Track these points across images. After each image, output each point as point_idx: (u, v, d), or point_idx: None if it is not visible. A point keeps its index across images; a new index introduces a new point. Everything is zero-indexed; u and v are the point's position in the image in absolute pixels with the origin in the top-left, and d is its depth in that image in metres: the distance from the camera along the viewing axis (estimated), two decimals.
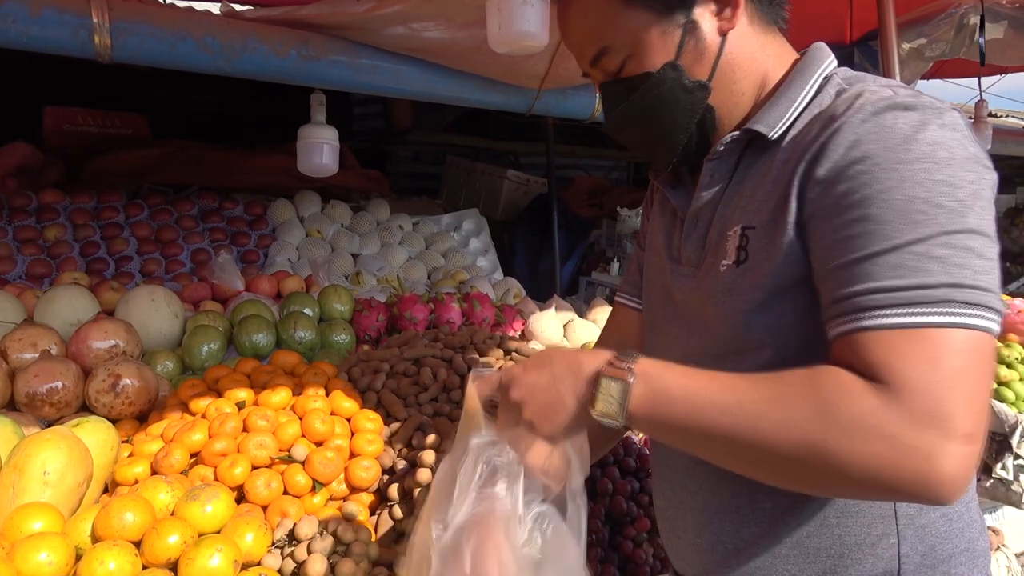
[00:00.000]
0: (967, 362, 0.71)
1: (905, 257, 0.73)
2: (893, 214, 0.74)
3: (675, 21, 0.91)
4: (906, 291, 0.73)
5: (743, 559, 0.96)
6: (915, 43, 3.36)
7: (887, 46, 2.60)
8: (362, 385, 1.72)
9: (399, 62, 2.46)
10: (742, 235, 0.91)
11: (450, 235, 3.93)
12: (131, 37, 2.01)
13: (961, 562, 0.92)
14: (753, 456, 0.77)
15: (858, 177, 0.77)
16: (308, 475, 1.40)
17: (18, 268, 2.87)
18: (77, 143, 3.72)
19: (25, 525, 1.16)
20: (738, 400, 0.76)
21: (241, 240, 3.37)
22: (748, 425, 0.75)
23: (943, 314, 0.71)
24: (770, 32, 0.97)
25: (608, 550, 1.51)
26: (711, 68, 0.93)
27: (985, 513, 2.40)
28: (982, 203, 0.76)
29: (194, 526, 1.17)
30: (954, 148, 0.76)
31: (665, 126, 0.97)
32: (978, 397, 0.71)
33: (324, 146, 2.59)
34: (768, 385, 0.76)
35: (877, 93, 0.81)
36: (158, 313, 2.06)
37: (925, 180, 0.74)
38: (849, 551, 0.90)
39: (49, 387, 1.55)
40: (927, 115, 0.78)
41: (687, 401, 0.79)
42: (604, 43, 0.95)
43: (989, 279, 0.73)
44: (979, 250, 0.74)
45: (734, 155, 0.96)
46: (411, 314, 2.34)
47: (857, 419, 0.70)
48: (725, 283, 0.92)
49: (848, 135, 0.79)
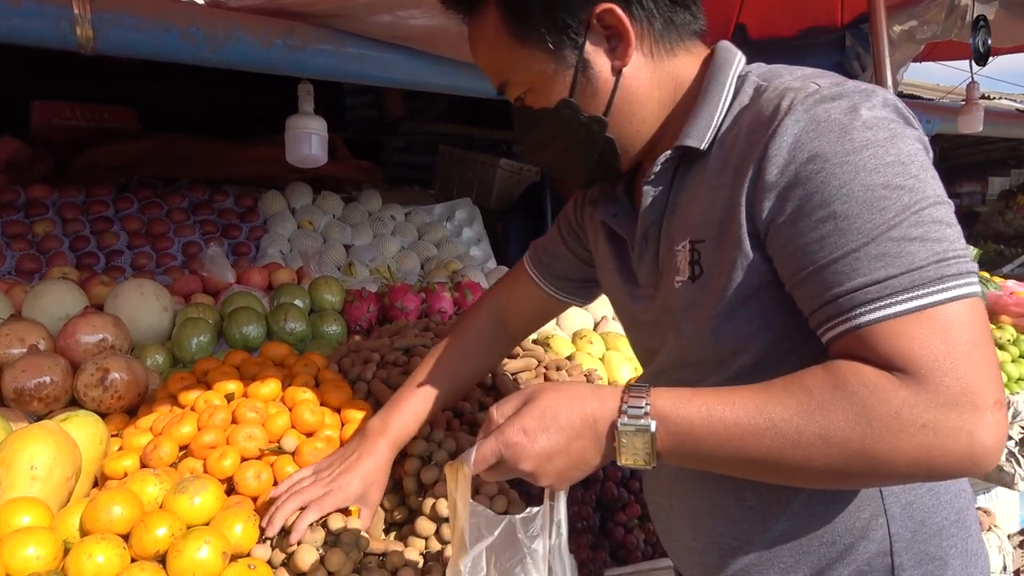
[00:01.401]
0: (973, 331, 0.72)
1: (885, 246, 0.74)
2: (858, 207, 0.75)
3: (567, 60, 0.93)
4: (899, 277, 0.73)
5: (740, 556, 0.97)
6: (906, 25, 3.35)
7: (877, 28, 2.59)
8: (352, 376, 1.71)
9: (386, 51, 2.44)
10: (692, 249, 0.91)
11: (443, 225, 3.92)
12: (114, 28, 2.00)
13: (952, 534, 0.93)
14: (795, 471, 0.76)
15: (813, 178, 0.77)
16: (298, 466, 1.40)
17: (7, 263, 2.85)
18: (65, 137, 3.69)
19: (13, 520, 1.15)
20: (771, 421, 0.75)
21: (232, 232, 3.36)
22: (787, 443, 0.74)
23: (940, 291, 0.72)
24: (676, 53, 0.97)
25: (599, 536, 1.51)
26: (606, 103, 0.95)
27: (978, 494, 2.41)
28: (930, 171, 0.78)
29: (182, 518, 1.17)
30: (891, 125, 0.78)
31: (569, 156, 1.01)
32: (992, 361, 0.72)
33: (312, 136, 2.57)
34: (796, 399, 0.75)
35: (803, 90, 0.82)
36: (147, 307, 2.05)
37: (877, 166, 0.75)
38: (841, 537, 0.91)
39: (37, 382, 1.54)
40: (855, 99, 0.79)
41: (714, 433, 0.77)
42: (503, 77, 0.99)
43: (962, 243, 0.76)
44: (946, 218, 0.76)
45: (669, 172, 0.96)
46: (402, 304, 2.34)
47: (894, 416, 0.71)
48: (684, 299, 0.93)
49: (787, 138, 0.79)
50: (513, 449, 0.81)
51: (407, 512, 1.37)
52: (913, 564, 0.90)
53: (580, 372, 1.91)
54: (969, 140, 6.10)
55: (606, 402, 0.81)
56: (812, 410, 0.74)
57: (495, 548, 0.84)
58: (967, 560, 0.93)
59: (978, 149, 7.36)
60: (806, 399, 0.74)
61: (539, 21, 0.93)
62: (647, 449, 0.79)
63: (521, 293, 1.34)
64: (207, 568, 1.10)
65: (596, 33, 0.93)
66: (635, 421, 0.79)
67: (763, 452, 0.75)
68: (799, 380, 0.76)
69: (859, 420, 0.72)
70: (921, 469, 0.72)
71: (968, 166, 8.10)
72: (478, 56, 1.03)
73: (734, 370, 0.90)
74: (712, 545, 1.00)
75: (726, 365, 0.91)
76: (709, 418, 0.77)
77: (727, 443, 0.77)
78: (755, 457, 0.76)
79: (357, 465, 1.25)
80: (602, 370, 2.11)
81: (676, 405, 0.79)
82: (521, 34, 0.94)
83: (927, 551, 0.91)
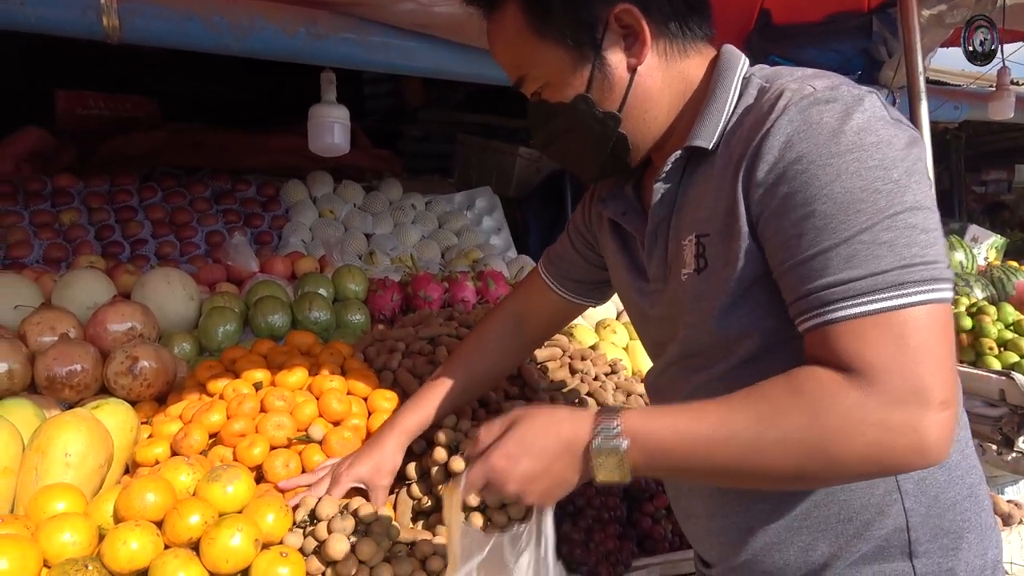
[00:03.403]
0: (928, 335, 0.76)
1: (855, 247, 0.78)
2: (836, 207, 0.79)
3: (585, 57, 0.97)
4: (861, 280, 0.77)
5: (757, 537, 0.98)
6: (935, 9, 3.28)
7: (907, 13, 2.54)
8: (378, 364, 1.72)
9: (409, 39, 2.43)
10: (698, 243, 0.95)
11: (463, 213, 3.91)
12: (139, 18, 2.01)
13: (966, 508, 0.95)
14: (759, 475, 0.83)
15: (798, 177, 0.81)
16: (326, 455, 1.41)
17: (35, 252, 2.89)
18: (89, 127, 3.73)
19: (49, 506, 1.17)
20: (732, 432, 0.80)
21: (254, 221, 3.38)
22: (749, 450, 0.80)
23: (900, 296, 0.76)
24: (688, 54, 1.00)
25: (626, 526, 1.51)
26: (621, 100, 0.98)
27: (1007, 486, 2.38)
28: (916, 177, 0.80)
29: (215, 506, 1.18)
30: (880, 131, 0.81)
31: (582, 150, 1.04)
32: (943, 364, 0.76)
33: (335, 125, 2.57)
34: (754, 406, 0.81)
35: (799, 92, 0.85)
36: (174, 295, 2.06)
37: (859, 169, 0.79)
38: (857, 514, 0.93)
39: (68, 370, 1.56)
40: (848, 104, 0.82)
41: (682, 446, 0.82)
42: (522, 72, 1.03)
43: (935, 250, 0.78)
44: (922, 224, 0.78)
45: (679, 170, 1.00)
46: (425, 293, 2.34)
47: (845, 416, 0.76)
48: (690, 291, 0.96)
49: (779, 137, 0.83)
50: (498, 473, 0.86)
51: (435, 501, 1.37)
52: (929, 538, 0.92)
53: (604, 361, 1.90)
54: (996, 127, 5.99)
55: (581, 425, 0.86)
56: (769, 417, 0.79)
57: (485, 564, 0.90)
58: (981, 534, 0.95)
59: (1005, 136, 7.21)
60: (764, 407, 0.80)
61: (560, 18, 0.96)
62: (621, 466, 0.84)
63: (537, 298, 1.38)
64: (240, 555, 1.11)
65: (614, 31, 0.96)
66: (608, 441, 0.84)
67: (729, 461, 0.81)
68: (760, 389, 0.82)
69: (812, 422, 0.77)
70: (873, 465, 0.77)
71: (994, 153, 7.95)
72: (496, 51, 1.06)
73: (738, 358, 0.94)
74: (731, 526, 1.01)
75: (731, 353, 0.94)
76: (676, 433, 0.83)
77: (695, 455, 0.82)
78: (722, 466, 0.82)
79: (364, 453, 1.32)
80: (626, 359, 2.10)
81: (646, 423, 0.84)
82: (542, 30, 0.97)
83: (942, 525, 0.92)
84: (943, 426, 0.75)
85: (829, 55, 3.78)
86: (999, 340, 2.53)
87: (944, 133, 6.37)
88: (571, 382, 1.78)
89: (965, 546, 0.93)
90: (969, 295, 3.15)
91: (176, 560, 1.09)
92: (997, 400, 2.32)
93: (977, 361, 2.52)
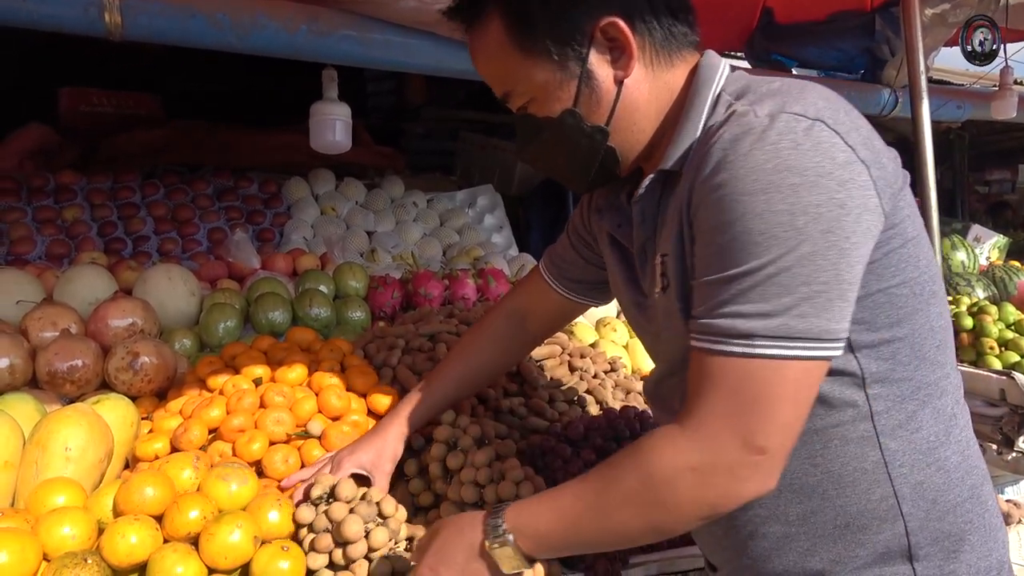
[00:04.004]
0: (763, 388, 0.79)
1: (729, 287, 0.80)
2: (731, 243, 0.80)
3: (571, 71, 0.96)
4: (721, 319, 0.81)
5: (758, 540, 0.99)
6: (938, 8, 3.27)
7: (910, 11, 2.53)
8: (378, 361, 1.72)
9: (411, 36, 2.43)
10: (662, 263, 0.97)
11: (465, 211, 3.91)
12: (141, 15, 2.01)
13: (968, 509, 0.94)
14: (621, 537, 0.92)
15: (712, 206, 0.83)
16: (325, 450, 1.41)
17: (38, 248, 2.89)
18: (92, 123, 3.73)
19: (49, 499, 1.18)
20: (586, 503, 0.89)
21: (256, 218, 3.38)
22: (600, 517, 0.88)
23: (746, 345, 0.79)
24: (674, 63, 0.99)
25: None
26: (608, 113, 0.98)
27: (1007, 486, 2.38)
28: (823, 225, 0.78)
29: (216, 503, 1.19)
30: (807, 171, 0.79)
31: (571, 163, 1.04)
32: (775, 419, 0.80)
33: (337, 122, 2.57)
34: (602, 476, 0.89)
35: (740, 117, 0.85)
36: (175, 291, 2.07)
37: (764, 212, 0.79)
38: (854, 520, 0.93)
39: (69, 365, 1.57)
40: (783, 139, 0.80)
41: (556, 527, 0.91)
42: (507, 87, 1.02)
43: (811, 305, 0.78)
44: (807, 276, 0.78)
45: (656, 191, 1.00)
46: (426, 290, 2.34)
47: (669, 466, 0.83)
48: (661, 309, 0.99)
49: (711, 162, 0.84)
50: None
51: (433, 497, 1.37)
52: (929, 542, 0.91)
53: (604, 359, 1.91)
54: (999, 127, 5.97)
55: (476, 529, 0.95)
56: (613, 480, 0.87)
57: None
58: (985, 535, 0.94)
59: (1009, 136, 7.19)
60: (609, 473, 0.88)
61: (544, 33, 0.95)
62: (517, 555, 0.93)
63: (539, 297, 1.38)
64: (239, 551, 1.12)
65: (600, 44, 0.95)
66: (497, 539, 0.93)
67: (593, 529, 0.89)
68: (609, 459, 0.90)
69: (644, 478, 0.85)
70: (703, 507, 0.83)
71: (998, 153, 7.92)
72: (479, 66, 1.04)
73: None
74: (731, 529, 1.01)
75: None
76: (547, 518, 0.92)
77: (567, 532, 0.91)
78: (591, 535, 0.90)
79: (366, 441, 1.35)
80: (626, 358, 2.10)
81: (523, 515, 0.93)
82: (526, 45, 0.96)
83: (942, 528, 0.92)
84: (754, 471, 0.81)
85: (832, 54, 3.77)
86: (1000, 340, 2.52)
87: (947, 133, 6.35)
88: (570, 380, 1.78)
89: (967, 548, 0.92)
90: (970, 295, 3.15)
91: (175, 554, 1.10)
92: (997, 400, 2.32)
93: (978, 361, 2.52)
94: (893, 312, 0.89)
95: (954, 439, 0.94)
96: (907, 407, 0.92)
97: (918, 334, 0.91)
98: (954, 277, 3.42)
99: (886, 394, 0.91)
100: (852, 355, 0.89)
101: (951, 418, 0.95)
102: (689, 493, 0.83)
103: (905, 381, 0.91)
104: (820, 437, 0.92)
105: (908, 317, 0.90)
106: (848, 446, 0.91)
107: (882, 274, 0.87)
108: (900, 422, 0.91)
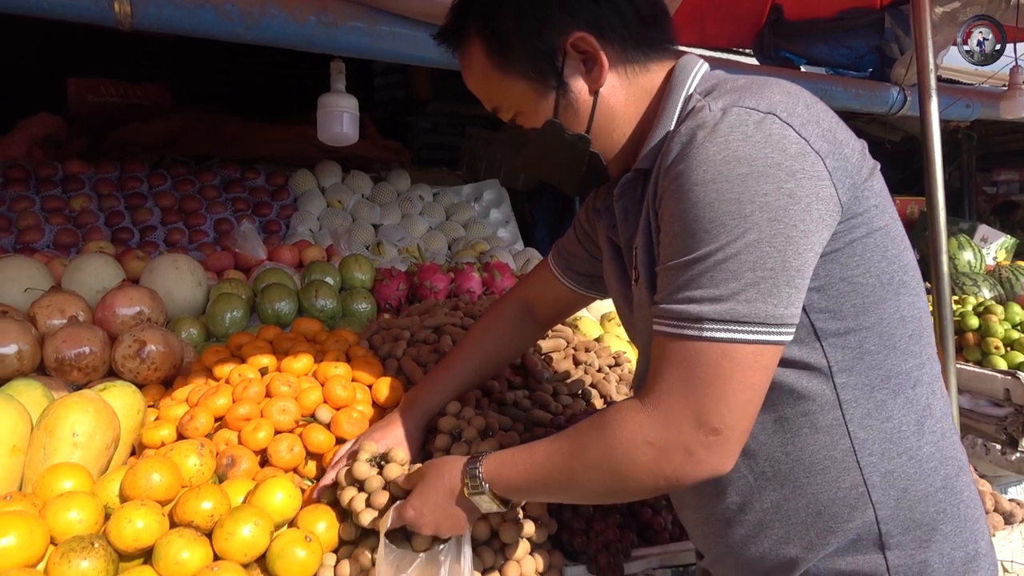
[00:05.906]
0: (715, 369, 0.83)
1: (683, 273, 0.85)
2: (683, 233, 0.85)
3: (549, 85, 1.02)
4: (676, 304, 0.86)
5: (734, 528, 1.01)
6: (948, 7, 3.26)
7: (919, 10, 2.52)
8: (383, 353, 1.73)
9: (418, 28, 2.43)
10: (635, 254, 1.01)
11: (471, 205, 3.92)
12: (151, 5, 2.01)
13: (940, 499, 0.94)
14: (586, 496, 1.04)
15: (669, 196, 0.87)
16: (333, 436, 1.42)
17: (46, 237, 2.91)
18: (100, 114, 3.75)
19: (56, 484, 1.19)
20: (554, 463, 0.98)
21: (263, 210, 3.39)
22: (568, 477, 0.97)
23: (697, 328, 0.84)
24: (650, 68, 1.03)
25: (627, 516, 1.52)
26: (587, 122, 1.03)
27: (1011, 486, 2.37)
28: (770, 214, 0.82)
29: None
30: (756, 162, 0.82)
31: (560, 170, 1.10)
32: (724, 397, 0.83)
33: (344, 115, 2.58)
34: (570, 441, 0.96)
35: (697, 111, 0.89)
36: (182, 281, 2.08)
37: (714, 201, 0.83)
38: (825, 508, 0.94)
39: (77, 352, 1.58)
40: (733, 131, 0.84)
41: (525, 480, 1.01)
42: (494, 103, 1.09)
43: (757, 291, 0.82)
44: (753, 263, 0.82)
45: (636, 189, 1.04)
46: (431, 283, 2.35)
47: (629, 439, 0.89)
48: (636, 299, 1.04)
49: (671, 155, 0.89)
50: (412, 520, 1.10)
51: None
52: (901, 531, 0.92)
53: (608, 354, 1.91)
54: (1007, 127, 5.93)
55: (456, 476, 1.07)
56: (579, 447, 0.94)
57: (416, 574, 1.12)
58: (960, 525, 0.95)
59: (1017, 136, 7.14)
60: (577, 439, 0.95)
61: (519, 52, 1.01)
62: (492, 500, 1.04)
63: (546, 288, 1.42)
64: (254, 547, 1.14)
65: (572, 59, 1.00)
66: (476, 486, 1.04)
67: (558, 486, 0.99)
68: (578, 425, 0.96)
69: (607, 448, 0.91)
70: (660, 479, 0.88)
71: (1006, 154, 7.88)
72: (470, 85, 1.11)
73: None
74: (710, 517, 1.04)
75: None
76: (519, 473, 1.02)
77: (536, 485, 1.01)
78: (559, 492, 1.01)
79: (386, 428, 1.36)
80: (630, 352, 2.10)
81: (498, 467, 1.03)
82: (504, 65, 1.03)
83: (913, 517, 0.93)
84: (709, 450, 0.85)
85: (841, 51, 3.76)
86: (1005, 340, 2.52)
87: (956, 132, 6.32)
88: (575, 373, 1.79)
89: (939, 538, 0.93)
90: (976, 294, 3.14)
91: (181, 540, 1.10)
92: (1002, 400, 2.32)
93: (983, 360, 2.51)
94: (859, 301, 0.90)
95: (928, 429, 0.95)
96: (876, 396, 0.92)
97: (887, 323, 0.92)
98: (960, 277, 3.41)
99: (854, 383, 0.92)
100: (818, 344, 0.90)
101: (925, 408, 0.95)
102: (647, 467, 0.88)
103: (874, 370, 0.92)
104: (790, 425, 0.94)
105: (875, 306, 0.91)
106: (817, 434, 0.93)
107: (845, 263, 0.89)
108: (869, 411, 0.92)
